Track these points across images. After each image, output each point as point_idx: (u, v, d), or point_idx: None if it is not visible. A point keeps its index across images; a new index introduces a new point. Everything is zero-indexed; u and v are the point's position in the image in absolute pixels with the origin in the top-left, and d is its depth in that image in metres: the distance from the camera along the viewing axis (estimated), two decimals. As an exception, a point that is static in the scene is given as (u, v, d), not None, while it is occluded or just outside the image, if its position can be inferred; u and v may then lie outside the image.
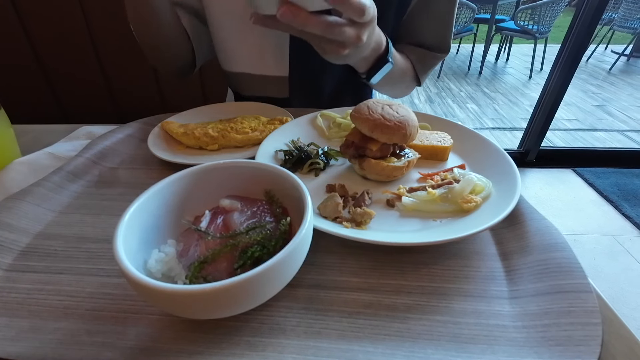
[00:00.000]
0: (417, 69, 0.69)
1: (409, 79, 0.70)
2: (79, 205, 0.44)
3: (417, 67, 0.69)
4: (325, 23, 0.37)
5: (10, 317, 0.30)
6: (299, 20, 0.36)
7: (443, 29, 0.66)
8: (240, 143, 0.55)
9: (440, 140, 0.51)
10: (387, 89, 0.71)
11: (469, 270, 0.34)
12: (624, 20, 3.71)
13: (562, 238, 0.35)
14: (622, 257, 1.54)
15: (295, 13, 0.35)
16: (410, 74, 0.69)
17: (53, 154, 0.53)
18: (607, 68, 3.99)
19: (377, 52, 0.54)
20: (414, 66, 0.69)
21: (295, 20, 0.36)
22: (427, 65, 0.70)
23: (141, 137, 0.59)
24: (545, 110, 1.97)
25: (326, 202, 0.40)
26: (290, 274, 0.29)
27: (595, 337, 0.26)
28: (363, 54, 0.49)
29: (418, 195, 0.41)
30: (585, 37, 1.73)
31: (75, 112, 1.30)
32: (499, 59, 4.36)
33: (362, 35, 0.41)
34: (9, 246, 0.37)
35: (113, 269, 0.35)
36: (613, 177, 2.03)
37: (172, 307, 0.26)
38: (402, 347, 0.27)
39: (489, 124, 2.82)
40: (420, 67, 0.69)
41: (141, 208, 0.31)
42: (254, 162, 0.37)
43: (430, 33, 0.67)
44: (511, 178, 0.42)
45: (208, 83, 1.23)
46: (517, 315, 0.30)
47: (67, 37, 1.13)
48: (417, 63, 0.69)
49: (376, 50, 0.53)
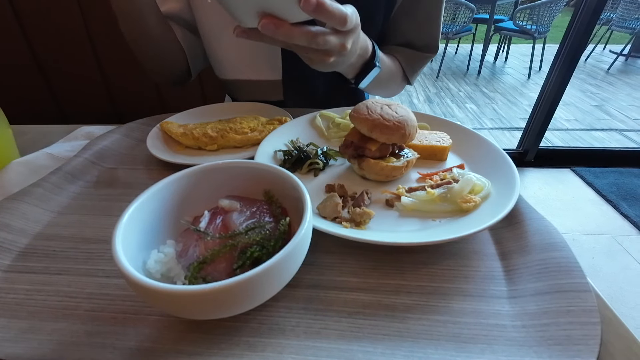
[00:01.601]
0: (406, 69, 0.69)
1: (399, 79, 0.70)
2: (77, 206, 0.44)
3: (406, 67, 0.69)
4: (308, 34, 0.37)
5: (9, 318, 0.30)
6: (281, 32, 0.35)
7: (430, 29, 0.66)
8: (239, 143, 0.55)
9: (439, 140, 0.51)
10: (378, 91, 0.72)
11: (468, 270, 0.34)
12: (622, 20, 3.72)
13: (560, 237, 0.35)
14: (620, 257, 1.54)
15: (277, 25, 0.35)
16: (400, 75, 0.69)
17: (52, 155, 0.53)
18: (606, 68, 3.99)
19: (364, 58, 0.55)
20: (402, 67, 0.69)
21: (277, 32, 0.35)
22: (416, 65, 0.70)
23: (140, 138, 0.59)
24: (544, 110, 1.97)
25: (325, 202, 0.40)
26: (290, 274, 0.28)
27: (594, 336, 0.26)
28: (349, 61, 0.50)
29: (417, 195, 0.41)
30: (583, 37, 1.73)
31: (74, 112, 1.29)
32: (497, 58, 4.37)
33: (347, 43, 0.41)
34: (7, 247, 0.37)
35: (112, 270, 0.35)
36: (611, 176, 2.04)
37: (172, 308, 0.26)
38: (401, 347, 0.27)
39: (487, 123, 2.82)
40: (409, 68, 0.69)
41: (140, 208, 0.31)
42: (253, 162, 0.37)
43: (418, 33, 0.67)
44: (510, 178, 0.42)
45: (207, 83, 1.23)
46: (516, 314, 0.30)
47: (66, 37, 1.12)
48: (406, 63, 0.69)
49: (362, 56, 0.54)
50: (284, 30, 0.35)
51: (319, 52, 0.41)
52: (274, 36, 0.36)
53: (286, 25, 0.35)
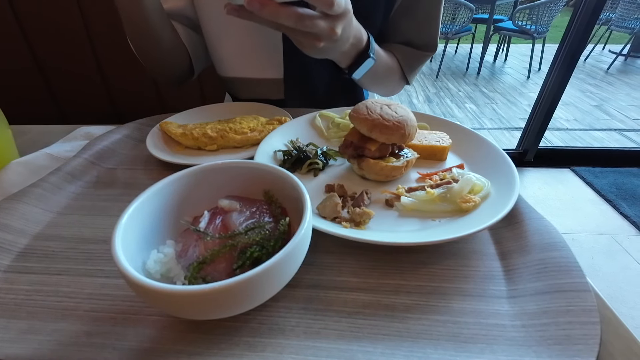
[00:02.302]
0: (404, 67, 0.69)
1: (397, 77, 0.70)
2: (77, 206, 0.44)
3: (404, 65, 0.69)
4: (295, 15, 0.38)
5: (9, 318, 0.30)
6: (268, 10, 0.36)
7: (429, 28, 0.67)
8: (239, 143, 0.55)
9: (438, 140, 0.51)
10: (374, 87, 0.72)
11: (467, 270, 0.34)
12: (621, 20, 3.73)
13: (560, 237, 0.35)
14: (620, 256, 1.55)
15: (262, 3, 0.35)
16: (398, 72, 0.69)
17: (51, 155, 0.53)
18: (605, 68, 4.00)
19: (358, 48, 0.55)
20: (400, 65, 0.69)
21: (263, 10, 0.36)
22: (415, 63, 0.70)
23: (140, 138, 0.59)
24: (543, 109, 1.98)
25: (325, 202, 0.40)
26: (289, 274, 0.28)
27: (594, 335, 0.26)
28: (342, 48, 0.50)
29: (417, 195, 0.41)
30: (583, 37, 1.74)
31: (73, 112, 1.29)
32: (497, 58, 4.37)
33: (336, 28, 0.41)
34: (7, 247, 0.36)
35: (112, 270, 0.35)
36: (611, 176, 2.04)
37: (171, 308, 0.26)
38: (401, 347, 0.27)
39: (487, 123, 2.82)
40: (407, 66, 0.69)
41: (140, 209, 0.31)
42: (252, 162, 0.37)
43: (417, 33, 0.67)
44: (510, 178, 0.42)
45: (207, 83, 1.23)
46: (515, 314, 0.30)
47: (65, 37, 1.12)
48: (404, 61, 0.69)
49: (356, 45, 0.54)
50: (270, 9, 0.36)
51: (309, 35, 0.41)
52: (260, 14, 0.36)
53: (272, 4, 0.36)
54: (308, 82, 0.70)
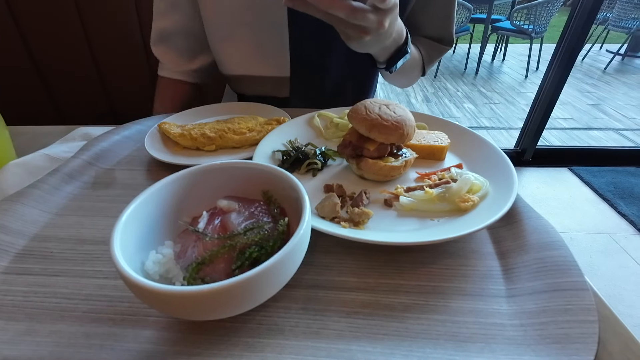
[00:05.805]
0: (425, 58, 0.71)
1: (419, 69, 0.72)
2: (75, 207, 0.44)
3: (425, 57, 0.71)
4: (349, 7, 0.39)
5: (7, 320, 0.30)
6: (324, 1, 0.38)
7: (445, 23, 0.69)
8: (237, 144, 0.55)
9: (437, 140, 0.51)
10: (399, 79, 0.74)
11: (466, 269, 0.34)
12: (618, 20, 3.74)
13: (558, 236, 0.35)
14: (618, 255, 1.55)
15: None
16: (420, 64, 0.71)
17: (49, 156, 0.53)
18: (602, 67, 4.01)
19: (398, 43, 0.56)
20: (422, 56, 0.71)
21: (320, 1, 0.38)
22: (434, 55, 0.72)
23: (138, 138, 0.58)
24: (541, 109, 1.98)
25: (324, 202, 0.40)
26: (289, 274, 0.28)
27: (592, 334, 0.27)
28: (385, 43, 0.51)
29: (415, 195, 0.41)
30: (580, 37, 1.74)
31: (71, 113, 1.29)
32: (495, 58, 4.38)
33: (384, 21, 0.43)
34: (4, 248, 0.36)
35: (110, 271, 0.35)
36: (609, 175, 2.05)
37: (170, 309, 0.26)
38: (400, 347, 0.27)
39: (485, 123, 2.83)
40: (427, 57, 0.71)
41: (138, 209, 0.30)
42: (251, 162, 0.37)
43: (434, 28, 0.70)
44: (508, 177, 0.42)
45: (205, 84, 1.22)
46: (514, 313, 0.30)
47: (63, 37, 1.12)
48: (426, 53, 0.71)
49: (397, 40, 0.55)
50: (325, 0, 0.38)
51: (357, 28, 0.43)
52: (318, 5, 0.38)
53: None
54: (314, 82, 0.71)
